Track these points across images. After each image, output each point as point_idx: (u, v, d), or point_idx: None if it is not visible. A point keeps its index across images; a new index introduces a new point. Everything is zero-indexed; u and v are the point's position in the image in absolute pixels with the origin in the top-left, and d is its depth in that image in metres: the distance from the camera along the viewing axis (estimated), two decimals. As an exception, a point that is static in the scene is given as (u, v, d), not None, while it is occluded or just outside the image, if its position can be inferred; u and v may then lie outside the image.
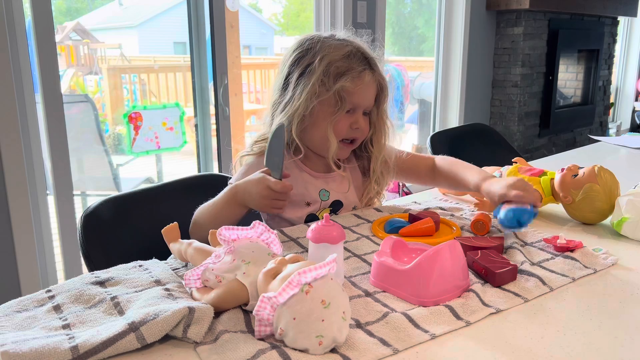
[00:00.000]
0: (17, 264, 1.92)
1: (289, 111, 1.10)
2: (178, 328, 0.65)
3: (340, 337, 0.63)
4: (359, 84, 1.09)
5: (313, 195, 1.17)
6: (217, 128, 2.61)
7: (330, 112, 1.10)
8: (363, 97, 1.12)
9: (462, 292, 0.78)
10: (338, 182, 1.21)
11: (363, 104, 1.13)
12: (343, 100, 1.09)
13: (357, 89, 1.09)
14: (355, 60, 1.10)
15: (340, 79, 1.08)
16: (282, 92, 1.13)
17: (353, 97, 1.10)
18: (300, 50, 1.12)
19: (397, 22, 3.90)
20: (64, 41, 3.55)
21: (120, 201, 1.13)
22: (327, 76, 1.08)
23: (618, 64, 5.91)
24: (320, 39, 1.12)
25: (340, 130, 1.12)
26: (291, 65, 1.12)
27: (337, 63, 1.09)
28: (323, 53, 1.09)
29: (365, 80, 1.10)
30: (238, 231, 0.78)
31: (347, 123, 1.12)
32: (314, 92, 1.07)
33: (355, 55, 1.11)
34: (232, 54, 2.67)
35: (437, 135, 1.94)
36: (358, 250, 0.96)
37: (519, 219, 0.95)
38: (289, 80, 1.12)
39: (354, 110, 1.13)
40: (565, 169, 1.13)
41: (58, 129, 2.01)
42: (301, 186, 1.16)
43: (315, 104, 1.08)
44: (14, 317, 0.70)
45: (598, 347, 0.66)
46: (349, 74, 1.08)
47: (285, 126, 1.09)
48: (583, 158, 1.88)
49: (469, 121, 3.79)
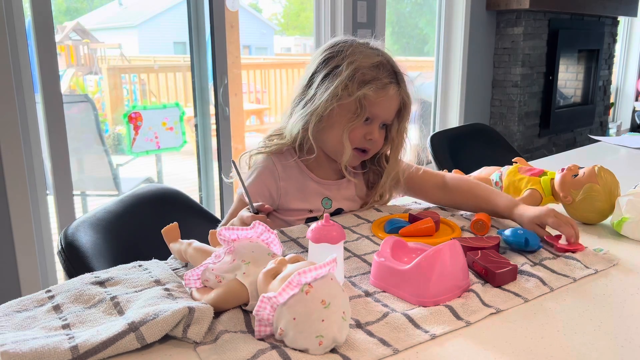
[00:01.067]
0: (17, 264, 1.92)
1: (308, 108, 1.09)
2: (178, 328, 0.65)
3: (340, 337, 0.63)
4: (381, 95, 1.08)
5: (316, 204, 1.16)
6: (217, 128, 2.61)
7: (348, 118, 1.09)
8: (383, 109, 1.11)
9: (462, 292, 0.78)
10: (343, 190, 1.20)
11: (382, 116, 1.11)
12: (363, 108, 1.08)
13: (379, 100, 1.08)
14: (383, 72, 1.10)
15: (365, 86, 1.07)
16: (305, 89, 1.13)
17: (373, 107, 1.09)
18: (331, 51, 1.11)
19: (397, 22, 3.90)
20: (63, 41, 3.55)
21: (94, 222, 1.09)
22: (352, 81, 1.07)
23: (618, 64, 5.91)
24: (354, 44, 1.11)
25: (354, 138, 1.11)
26: (319, 64, 1.11)
27: (364, 70, 1.08)
28: (353, 58, 1.08)
29: (389, 93, 1.09)
30: (238, 231, 0.78)
31: (362, 132, 1.11)
32: (335, 94, 1.06)
33: (384, 67, 1.10)
34: (232, 54, 2.67)
35: (437, 135, 1.94)
36: (358, 250, 0.96)
37: (527, 237, 0.93)
38: (314, 78, 1.11)
39: (372, 121, 1.11)
40: (565, 169, 1.13)
41: (58, 129, 2.01)
42: (304, 194, 1.16)
43: (335, 106, 1.07)
44: (14, 317, 0.70)
45: (598, 347, 0.66)
46: (374, 83, 1.07)
47: (302, 127, 1.09)
48: (583, 158, 1.88)
49: (469, 121, 3.79)
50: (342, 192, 1.20)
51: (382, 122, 1.13)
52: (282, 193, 1.14)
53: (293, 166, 1.15)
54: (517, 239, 0.93)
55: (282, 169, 1.15)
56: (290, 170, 1.15)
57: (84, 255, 1.01)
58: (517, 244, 0.93)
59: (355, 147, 1.12)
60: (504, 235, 0.95)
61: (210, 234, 0.88)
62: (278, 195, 1.15)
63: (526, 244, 0.93)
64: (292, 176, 1.15)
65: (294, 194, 1.15)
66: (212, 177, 2.72)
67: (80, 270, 0.97)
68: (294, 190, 1.15)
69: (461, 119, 3.77)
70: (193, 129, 2.69)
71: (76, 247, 1.01)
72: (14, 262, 1.92)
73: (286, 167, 1.15)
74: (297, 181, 1.15)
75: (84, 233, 1.05)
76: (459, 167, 1.44)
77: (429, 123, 3.93)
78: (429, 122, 3.92)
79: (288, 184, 1.15)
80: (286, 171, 1.15)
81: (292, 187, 1.15)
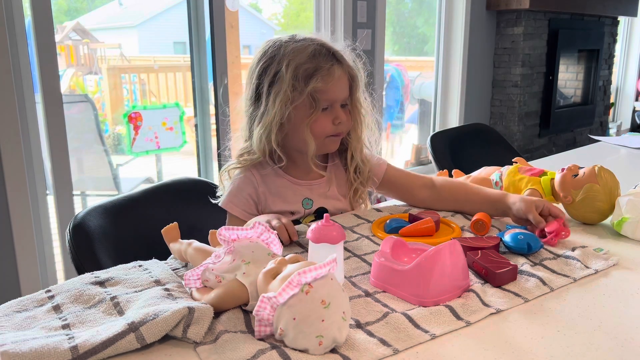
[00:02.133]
0: (17, 264, 1.92)
1: (265, 121, 1.09)
2: (178, 328, 0.65)
3: (340, 337, 0.63)
4: (329, 80, 1.08)
5: (295, 206, 1.16)
6: (217, 128, 2.61)
7: (307, 114, 1.09)
8: (336, 92, 1.11)
9: (462, 292, 0.78)
10: (323, 187, 1.20)
11: (338, 98, 1.11)
12: (317, 100, 1.08)
13: (329, 87, 1.08)
14: (322, 58, 1.09)
15: (311, 80, 1.07)
16: (255, 103, 1.13)
17: (327, 95, 1.09)
18: (265, 59, 1.11)
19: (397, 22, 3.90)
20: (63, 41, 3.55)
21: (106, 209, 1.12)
22: (297, 80, 1.07)
23: (618, 63, 5.91)
24: (282, 44, 1.11)
25: (323, 128, 1.11)
26: (259, 76, 1.11)
27: (305, 65, 1.08)
28: (288, 58, 1.08)
29: (335, 76, 1.09)
30: (238, 231, 0.78)
31: (328, 120, 1.11)
32: (287, 98, 1.07)
33: (321, 53, 1.10)
34: (232, 54, 2.67)
35: (437, 135, 1.94)
36: (358, 250, 0.96)
37: (529, 241, 0.92)
38: (260, 91, 1.11)
39: (332, 106, 1.11)
40: (566, 169, 1.13)
41: (58, 129, 2.01)
42: (283, 197, 1.16)
43: (291, 109, 1.07)
44: (13, 317, 0.70)
45: (598, 347, 0.66)
46: (318, 73, 1.07)
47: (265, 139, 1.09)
48: (583, 158, 1.88)
49: (469, 121, 3.79)
50: (322, 190, 1.20)
51: (340, 102, 1.13)
52: (263, 199, 1.15)
53: (270, 173, 1.16)
54: (519, 244, 0.92)
55: (260, 177, 1.16)
56: (268, 177, 1.16)
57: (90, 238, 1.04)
58: (519, 249, 0.92)
59: (328, 135, 1.12)
60: (504, 241, 0.95)
61: (210, 234, 0.88)
62: (259, 200, 1.16)
63: (529, 249, 0.92)
64: (270, 181, 1.16)
65: (274, 198, 1.16)
66: (212, 177, 2.72)
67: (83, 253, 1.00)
68: (274, 194, 1.16)
69: (461, 119, 3.77)
70: (193, 129, 2.69)
71: (84, 229, 1.04)
72: (14, 262, 1.92)
73: (264, 175, 1.16)
74: (276, 185, 1.16)
75: (95, 217, 1.07)
76: (459, 167, 1.44)
77: (429, 123, 3.93)
78: (429, 122, 3.92)
79: (267, 189, 1.16)
80: (264, 179, 1.16)
81: (271, 191, 1.16)
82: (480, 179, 1.28)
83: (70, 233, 1.02)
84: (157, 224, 0.93)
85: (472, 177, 1.30)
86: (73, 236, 1.02)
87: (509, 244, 0.94)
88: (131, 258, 0.90)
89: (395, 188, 1.25)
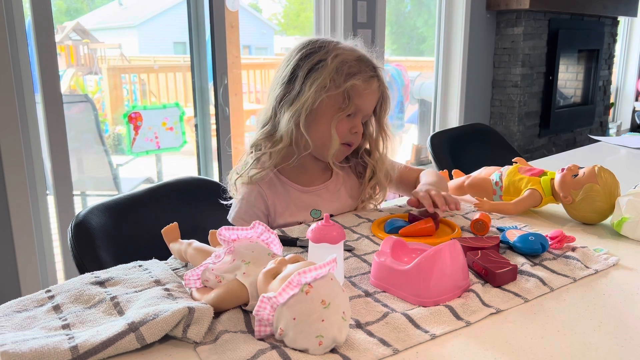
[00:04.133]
0: (17, 264, 1.92)
1: (296, 104, 1.08)
2: (178, 328, 0.65)
3: (340, 337, 0.63)
4: (367, 87, 1.11)
5: (303, 216, 1.17)
6: (217, 128, 2.61)
7: (336, 109, 1.10)
8: (367, 102, 1.13)
9: (462, 292, 0.78)
10: (331, 192, 1.20)
11: (365, 109, 1.14)
12: (350, 99, 1.10)
13: (365, 92, 1.11)
14: (366, 65, 1.12)
15: (351, 78, 1.09)
16: (287, 86, 1.12)
17: (359, 99, 1.11)
18: (312, 47, 1.12)
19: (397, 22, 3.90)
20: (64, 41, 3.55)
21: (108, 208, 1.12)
22: (339, 74, 1.08)
23: (618, 64, 5.91)
24: (331, 41, 1.14)
25: (340, 132, 1.12)
26: (299, 60, 1.11)
27: (350, 63, 1.10)
28: (336, 52, 1.10)
29: (372, 86, 1.13)
30: (238, 231, 0.78)
31: (347, 126, 1.13)
32: (324, 85, 1.07)
33: (366, 61, 1.13)
34: (232, 54, 2.67)
35: (437, 135, 1.94)
36: (358, 250, 0.96)
37: (542, 242, 0.91)
38: (296, 73, 1.11)
39: (355, 115, 1.13)
40: (565, 169, 1.13)
41: (58, 129, 2.01)
42: (290, 208, 1.16)
43: (324, 97, 1.08)
44: (13, 317, 0.70)
45: (598, 347, 0.66)
46: (360, 75, 1.10)
47: (294, 123, 1.09)
48: (583, 158, 1.88)
49: (469, 121, 3.79)
50: (330, 194, 1.20)
51: (363, 116, 1.15)
52: (272, 211, 1.16)
53: (275, 181, 1.16)
54: (532, 245, 0.91)
55: (267, 187, 1.16)
56: (274, 186, 1.16)
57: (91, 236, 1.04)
58: (533, 250, 0.91)
59: (342, 142, 1.14)
60: (512, 244, 0.93)
61: (210, 234, 0.88)
62: (269, 213, 1.16)
63: (543, 249, 0.91)
64: (277, 192, 1.16)
65: (282, 211, 1.16)
66: (212, 177, 2.72)
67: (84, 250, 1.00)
68: (282, 206, 1.16)
69: (461, 119, 3.77)
70: (193, 129, 2.69)
71: (85, 227, 1.04)
72: (14, 262, 1.92)
73: (270, 184, 1.16)
74: (283, 196, 1.16)
75: (96, 216, 1.07)
76: (459, 167, 1.44)
77: (429, 123, 3.93)
78: (429, 122, 3.92)
79: (275, 201, 1.16)
80: (271, 188, 1.16)
81: (279, 203, 1.16)
82: (480, 179, 1.28)
83: (71, 231, 1.02)
84: (159, 223, 0.93)
85: (472, 177, 1.30)
86: (75, 234, 1.02)
87: (518, 246, 0.92)
88: (132, 257, 0.90)
89: (408, 187, 1.27)
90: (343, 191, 1.22)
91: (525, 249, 0.92)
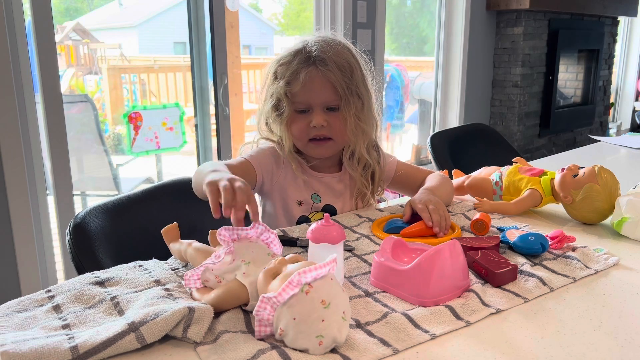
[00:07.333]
0: (17, 264, 1.92)
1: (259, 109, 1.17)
2: (178, 328, 0.65)
3: (340, 337, 0.63)
4: (298, 84, 1.07)
5: (305, 196, 1.19)
6: (217, 128, 2.61)
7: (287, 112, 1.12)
8: (309, 95, 1.09)
9: (462, 292, 0.78)
10: (335, 185, 1.21)
11: (314, 101, 1.09)
12: (288, 101, 1.10)
13: (299, 90, 1.08)
14: (299, 60, 1.08)
15: (281, 81, 1.10)
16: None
17: (298, 97, 1.09)
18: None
19: (397, 22, 3.90)
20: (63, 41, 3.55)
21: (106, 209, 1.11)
22: (276, 78, 1.11)
23: (618, 64, 5.91)
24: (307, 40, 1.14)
25: (300, 131, 1.12)
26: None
27: (282, 65, 1.10)
28: (279, 55, 1.12)
29: (308, 79, 1.07)
30: (238, 231, 0.78)
31: (304, 123, 1.11)
32: (268, 94, 1.12)
33: (300, 53, 1.09)
34: (232, 54, 2.67)
35: (437, 135, 1.94)
36: (358, 250, 0.96)
37: (542, 242, 0.91)
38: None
39: (312, 110, 1.10)
40: (565, 169, 1.13)
41: (58, 129, 2.01)
42: (295, 184, 1.19)
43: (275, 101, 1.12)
44: (13, 317, 0.70)
45: (598, 347, 0.66)
46: (286, 75, 1.09)
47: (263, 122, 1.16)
48: (583, 158, 1.88)
49: (469, 121, 3.79)
50: (333, 186, 1.21)
51: (321, 106, 1.10)
52: (276, 178, 1.18)
53: (292, 159, 1.18)
54: (532, 245, 0.91)
55: (283, 159, 1.18)
56: (288, 162, 1.18)
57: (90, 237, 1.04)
58: (533, 250, 0.91)
59: (309, 138, 1.13)
60: (512, 244, 0.93)
61: (210, 234, 0.88)
62: (273, 177, 1.18)
63: (543, 249, 0.91)
64: (289, 167, 1.18)
65: (287, 182, 1.18)
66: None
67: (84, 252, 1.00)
68: (289, 179, 1.18)
69: (461, 119, 3.77)
70: (193, 129, 2.69)
71: (84, 229, 1.04)
72: (14, 262, 1.92)
73: (286, 160, 1.18)
74: (293, 172, 1.18)
75: (95, 217, 1.07)
76: (459, 167, 1.44)
77: (429, 123, 3.93)
78: (429, 122, 3.92)
79: (286, 172, 1.18)
80: (285, 162, 1.18)
81: (287, 176, 1.18)
82: (480, 179, 1.28)
83: (70, 233, 1.02)
84: (158, 223, 0.93)
85: (472, 177, 1.30)
86: (73, 236, 1.02)
87: (519, 246, 0.92)
88: (131, 258, 0.90)
89: (407, 184, 1.27)
90: (347, 190, 1.22)
91: (525, 249, 0.92)
